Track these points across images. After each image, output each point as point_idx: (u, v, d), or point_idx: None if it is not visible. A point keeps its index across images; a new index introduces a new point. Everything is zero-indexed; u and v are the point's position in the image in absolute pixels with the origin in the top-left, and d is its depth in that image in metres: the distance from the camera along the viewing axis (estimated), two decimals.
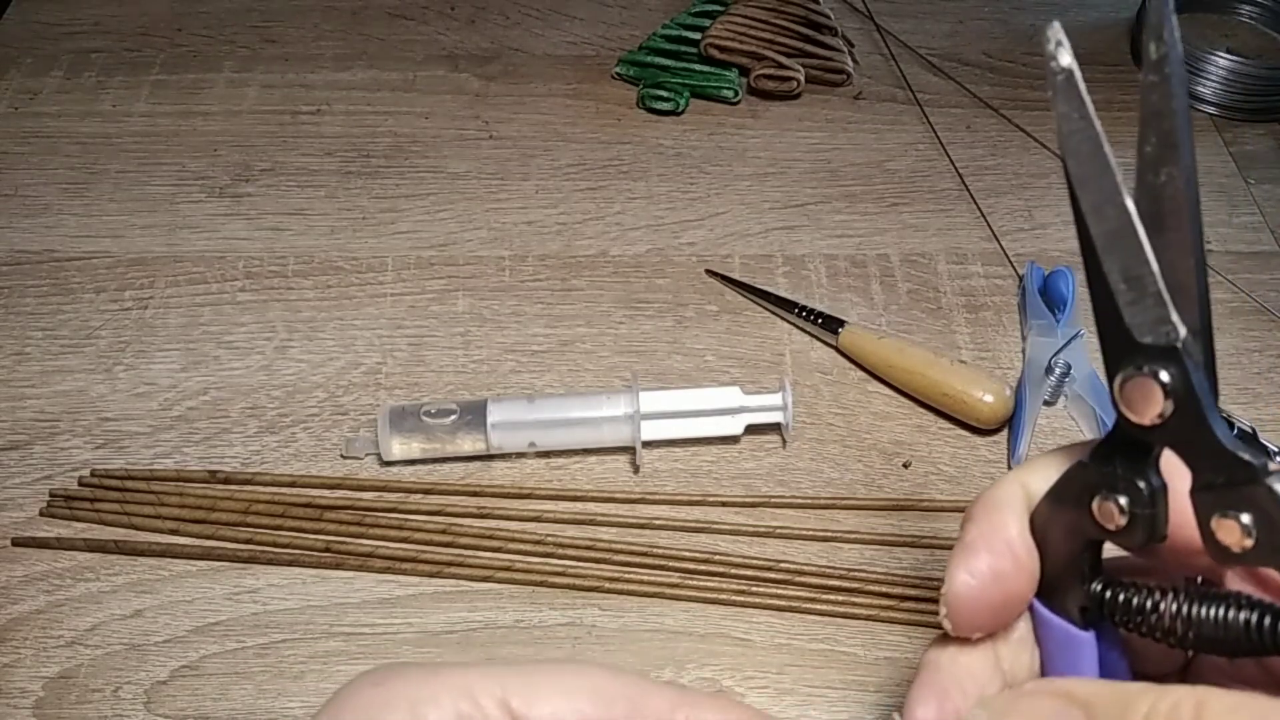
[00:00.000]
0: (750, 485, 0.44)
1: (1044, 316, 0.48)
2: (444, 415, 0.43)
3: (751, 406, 0.44)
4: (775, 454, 0.45)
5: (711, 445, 0.45)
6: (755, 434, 0.45)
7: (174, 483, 0.43)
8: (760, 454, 0.45)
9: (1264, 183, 0.57)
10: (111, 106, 0.60)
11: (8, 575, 0.40)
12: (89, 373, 0.47)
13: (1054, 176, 0.57)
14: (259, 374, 0.47)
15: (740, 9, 0.61)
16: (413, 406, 0.44)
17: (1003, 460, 0.45)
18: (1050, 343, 0.47)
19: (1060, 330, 0.48)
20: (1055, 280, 0.50)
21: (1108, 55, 0.65)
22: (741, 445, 0.45)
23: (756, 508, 0.43)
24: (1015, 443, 0.45)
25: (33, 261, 0.51)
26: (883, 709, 0.38)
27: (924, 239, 0.54)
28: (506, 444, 0.44)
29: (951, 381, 0.45)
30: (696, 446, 0.45)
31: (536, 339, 0.49)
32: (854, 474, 0.44)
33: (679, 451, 0.45)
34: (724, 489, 0.44)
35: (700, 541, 0.42)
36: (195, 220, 0.54)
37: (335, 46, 0.64)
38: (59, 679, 0.38)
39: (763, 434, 0.45)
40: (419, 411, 0.43)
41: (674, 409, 0.44)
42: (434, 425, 0.43)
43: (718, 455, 0.45)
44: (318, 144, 0.58)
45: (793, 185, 0.57)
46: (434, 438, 0.43)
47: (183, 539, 0.41)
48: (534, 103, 0.61)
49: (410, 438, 0.43)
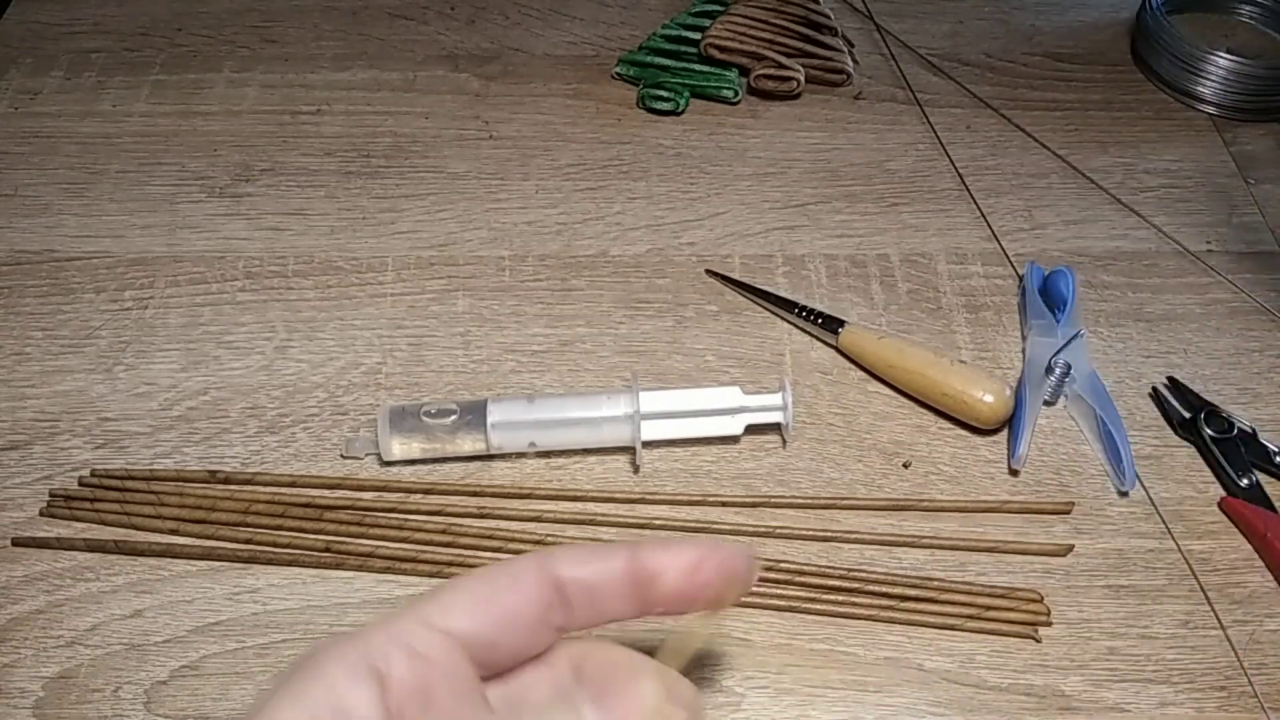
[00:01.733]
0: (750, 485, 0.44)
1: (1044, 316, 0.48)
2: (444, 415, 0.43)
3: (751, 406, 0.44)
4: (775, 454, 0.45)
5: (711, 445, 0.45)
6: (755, 434, 0.45)
7: (174, 483, 0.43)
8: (760, 454, 0.45)
9: (1264, 183, 0.57)
10: (111, 106, 0.60)
11: (8, 575, 0.40)
12: (89, 373, 0.47)
13: (1054, 176, 0.57)
14: (259, 374, 0.47)
15: (740, 9, 0.61)
16: (413, 406, 0.44)
17: (1002, 460, 0.45)
18: (1050, 342, 0.47)
19: (1061, 330, 0.47)
20: (1055, 280, 0.50)
21: (1108, 55, 0.65)
22: (741, 445, 0.45)
23: (756, 508, 0.43)
24: (1015, 443, 0.45)
25: (33, 261, 0.51)
26: (883, 709, 0.38)
27: (924, 239, 0.54)
28: (506, 444, 0.44)
29: (951, 381, 0.45)
30: (696, 446, 0.45)
31: (536, 339, 0.49)
32: (854, 474, 0.44)
33: (679, 452, 0.45)
34: (724, 489, 0.44)
35: None
36: (195, 220, 0.54)
37: (335, 46, 0.64)
38: (59, 679, 0.38)
39: (763, 434, 0.45)
40: (419, 411, 0.43)
41: (674, 409, 0.44)
42: (434, 425, 0.43)
43: (718, 455, 0.45)
44: (318, 144, 0.58)
45: (793, 185, 0.57)
46: (434, 438, 0.43)
47: (183, 539, 0.41)
48: (534, 103, 0.61)
49: (410, 438, 0.43)
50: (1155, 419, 0.47)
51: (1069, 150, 0.59)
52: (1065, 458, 0.45)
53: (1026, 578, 0.41)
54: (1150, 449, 0.45)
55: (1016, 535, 0.42)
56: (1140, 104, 0.62)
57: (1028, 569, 0.41)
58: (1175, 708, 0.38)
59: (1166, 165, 0.58)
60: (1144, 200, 0.56)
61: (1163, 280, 0.52)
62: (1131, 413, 0.47)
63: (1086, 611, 0.40)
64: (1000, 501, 0.43)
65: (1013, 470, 0.44)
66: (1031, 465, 0.45)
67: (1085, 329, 0.48)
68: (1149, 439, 0.46)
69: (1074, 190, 0.57)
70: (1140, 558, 0.42)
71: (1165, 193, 0.56)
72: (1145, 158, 0.58)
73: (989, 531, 0.42)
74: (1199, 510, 0.43)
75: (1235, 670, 0.39)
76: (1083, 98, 0.62)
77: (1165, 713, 0.38)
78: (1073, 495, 0.44)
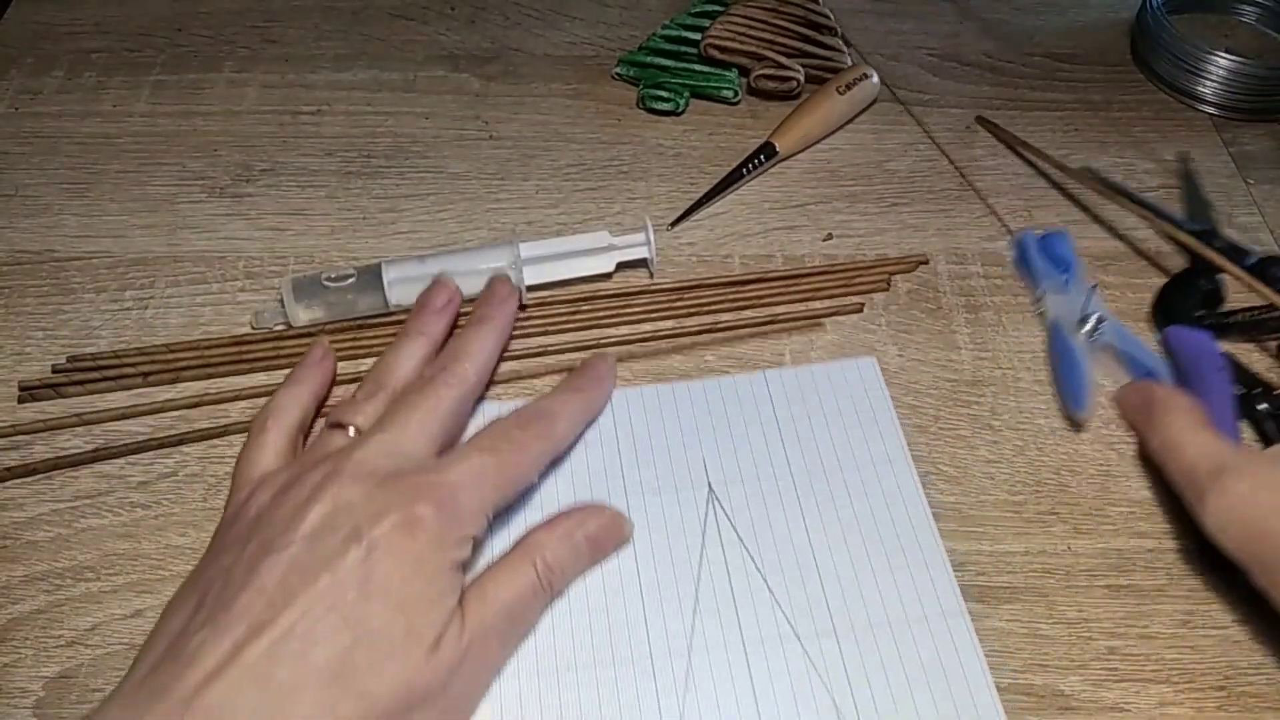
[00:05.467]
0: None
1: (1055, 276, 0.50)
2: (343, 279, 0.48)
3: (619, 244, 0.50)
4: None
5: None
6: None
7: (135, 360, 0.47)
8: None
9: (1264, 183, 0.57)
10: (112, 106, 0.60)
11: (8, 575, 0.40)
12: None
13: (1054, 176, 0.57)
14: (259, 374, 0.47)
15: (740, 9, 0.61)
16: (314, 274, 0.48)
17: (1002, 460, 0.45)
18: (1069, 298, 0.49)
19: (1075, 286, 0.49)
20: (1052, 243, 0.51)
21: (1108, 55, 0.65)
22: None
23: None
24: (1077, 394, 0.45)
25: (33, 261, 0.52)
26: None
27: (924, 239, 0.54)
28: (404, 299, 0.48)
29: None
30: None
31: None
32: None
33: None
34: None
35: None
36: (195, 220, 0.54)
37: (335, 46, 0.64)
38: (59, 679, 0.38)
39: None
40: (320, 278, 0.48)
41: (551, 253, 0.50)
42: (334, 289, 0.48)
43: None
44: (318, 144, 0.58)
45: (793, 185, 0.57)
46: (336, 302, 0.48)
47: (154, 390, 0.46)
48: (534, 103, 0.61)
49: (313, 304, 0.48)
50: None
51: (1069, 150, 0.59)
52: (1065, 457, 0.45)
53: (1027, 577, 0.41)
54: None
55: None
56: (1140, 104, 0.62)
57: (1028, 569, 0.41)
58: (1175, 707, 0.38)
59: (1166, 165, 0.58)
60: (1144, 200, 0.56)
61: (1162, 280, 0.52)
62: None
63: (1086, 611, 0.40)
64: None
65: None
66: (1030, 465, 0.45)
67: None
68: None
69: (1074, 190, 0.57)
70: (1140, 557, 0.42)
71: (1165, 193, 0.56)
72: (1145, 158, 0.58)
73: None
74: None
75: (1235, 670, 0.39)
76: (1083, 98, 0.62)
77: (1165, 712, 0.38)
78: (1073, 495, 0.44)
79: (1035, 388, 0.47)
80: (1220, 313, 0.49)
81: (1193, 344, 0.46)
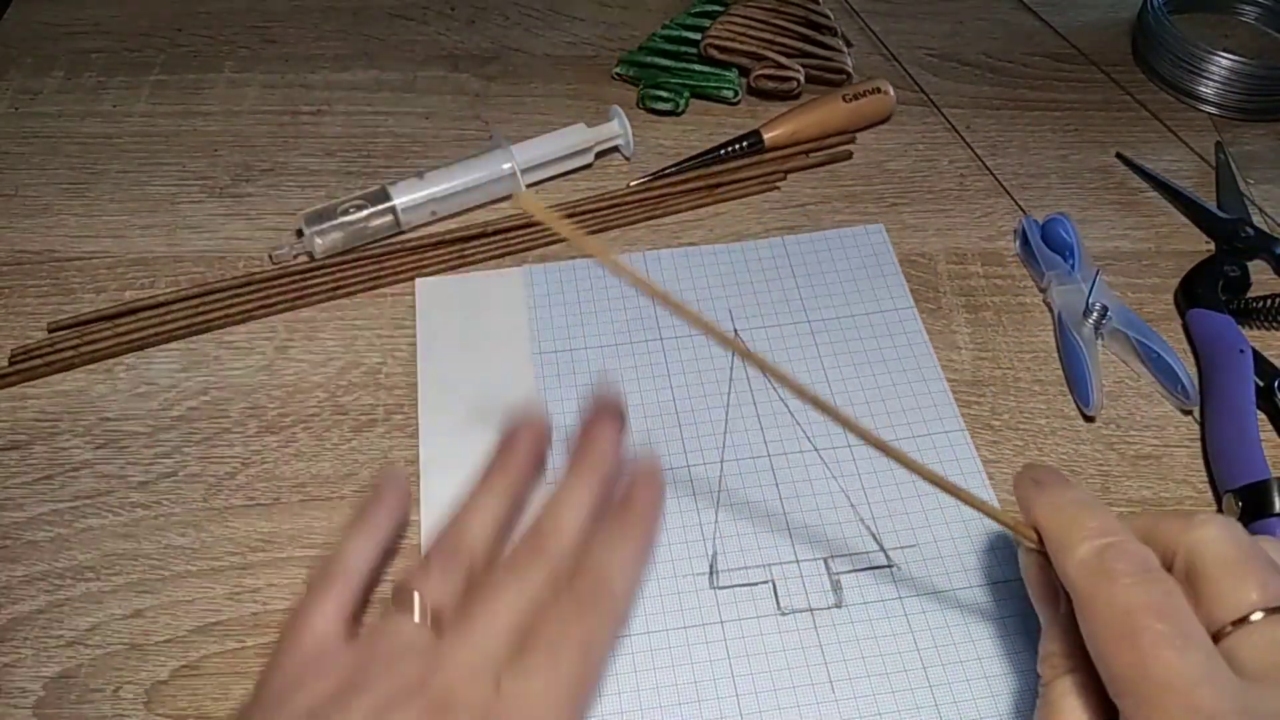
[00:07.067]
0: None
1: (1058, 264, 0.50)
2: (357, 209, 0.51)
3: (600, 137, 0.56)
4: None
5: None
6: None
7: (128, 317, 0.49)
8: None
9: (1264, 183, 0.57)
10: (112, 106, 0.60)
11: (8, 575, 0.40)
12: (89, 373, 0.47)
13: (1054, 177, 0.57)
14: (259, 374, 0.47)
15: (740, 9, 0.61)
16: (327, 207, 0.52)
17: (1001, 459, 0.45)
18: (1074, 287, 0.49)
19: (1079, 273, 0.50)
20: (1054, 228, 0.51)
21: (1108, 55, 0.65)
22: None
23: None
24: (1086, 390, 0.46)
25: (33, 261, 0.52)
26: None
27: (924, 239, 0.54)
28: (414, 219, 0.53)
29: None
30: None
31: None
32: None
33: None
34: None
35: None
36: (196, 220, 0.54)
37: (335, 46, 0.64)
38: (59, 679, 0.38)
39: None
40: (335, 210, 0.51)
41: (541, 157, 0.55)
42: (349, 220, 0.51)
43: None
44: (318, 144, 0.58)
45: (793, 185, 0.57)
46: (350, 229, 0.51)
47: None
48: (534, 103, 0.61)
49: (329, 234, 0.51)
50: (1156, 418, 0.47)
51: (1069, 150, 0.59)
52: (1065, 457, 0.45)
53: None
54: (1150, 449, 0.45)
55: None
56: (1140, 104, 0.62)
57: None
58: None
59: (1166, 165, 0.58)
60: (1144, 200, 0.56)
61: (1162, 280, 0.52)
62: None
63: None
64: None
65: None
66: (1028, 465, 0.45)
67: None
68: (1148, 439, 0.46)
69: (1074, 190, 0.57)
70: None
71: (1165, 192, 0.56)
72: (1145, 158, 0.58)
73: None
74: (1198, 510, 0.43)
75: None
76: (1083, 98, 0.62)
77: None
78: None
79: (1035, 388, 0.47)
80: (1246, 299, 0.50)
81: (1215, 328, 0.47)
